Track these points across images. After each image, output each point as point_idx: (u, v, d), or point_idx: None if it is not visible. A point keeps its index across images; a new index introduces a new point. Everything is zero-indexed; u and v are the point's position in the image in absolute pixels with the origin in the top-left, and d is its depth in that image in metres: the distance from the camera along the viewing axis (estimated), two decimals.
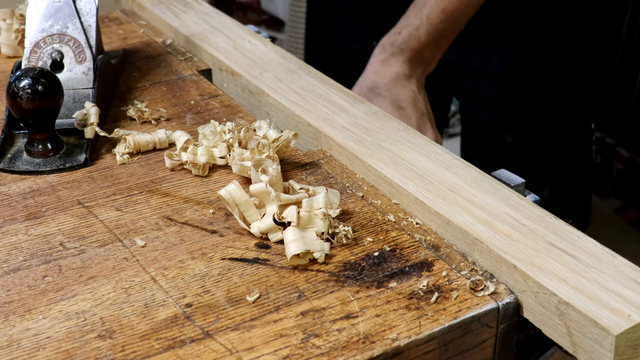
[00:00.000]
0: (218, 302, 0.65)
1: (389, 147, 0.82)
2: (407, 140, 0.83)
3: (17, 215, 0.76)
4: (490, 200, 0.73)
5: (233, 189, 0.73)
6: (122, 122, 0.93)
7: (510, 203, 0.73)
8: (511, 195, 0.74)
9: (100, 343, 0.61)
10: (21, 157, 0.85)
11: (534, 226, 0.70)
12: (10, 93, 0.81)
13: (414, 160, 0.80)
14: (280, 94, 0.94)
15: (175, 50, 1.12)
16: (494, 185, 0.76)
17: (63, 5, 0.94)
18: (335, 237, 0.72)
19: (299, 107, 0.90)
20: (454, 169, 0.78)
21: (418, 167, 0.79)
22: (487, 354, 0.66)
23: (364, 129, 0.85)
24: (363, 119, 0.87)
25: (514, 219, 0.71)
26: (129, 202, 0.78)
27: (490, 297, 0.65)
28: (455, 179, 0.76)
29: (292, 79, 0.96)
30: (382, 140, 0.83)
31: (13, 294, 0.66)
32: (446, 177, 0.77)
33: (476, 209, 0.72)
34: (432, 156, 0.80)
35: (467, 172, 0.77)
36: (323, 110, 0.89)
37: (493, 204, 0.73)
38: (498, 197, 0.74)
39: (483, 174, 0.78)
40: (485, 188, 0.75)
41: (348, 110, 0.89)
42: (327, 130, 0.86)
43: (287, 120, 0.91)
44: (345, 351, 0.60)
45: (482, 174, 0.78)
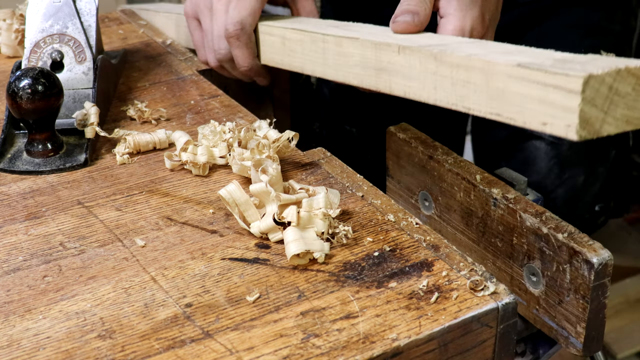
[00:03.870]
0: (218, 302, 0.65)
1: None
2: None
3: (17, 215, 0.76)
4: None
5: (233, 189, 0.73)
6: (122, 122, 0.93)
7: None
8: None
9: (100, 343, 0.61)
10: (21, 157, 0.85)
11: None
12: (10, 93, 0.81)
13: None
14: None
15: (175, 50, 1.12)
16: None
17: (63, 5, 0.94)
18: (335, 237, 0.72)
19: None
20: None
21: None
22: (487, 354, 0.66)
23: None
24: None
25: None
26: (129, 202, 0.78)
27: (490, 297, 0.65)
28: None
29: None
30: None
31: (13, 294, 0.66)
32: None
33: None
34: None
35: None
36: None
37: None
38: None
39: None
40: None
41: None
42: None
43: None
44: (345, 351, 0.60)
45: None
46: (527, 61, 0.63)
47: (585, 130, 0.59)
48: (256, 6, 0.94)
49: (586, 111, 0.58)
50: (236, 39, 0.94)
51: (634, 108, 0.61)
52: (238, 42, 0.95)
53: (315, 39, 0.88)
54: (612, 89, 0.59)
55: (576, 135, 0.59)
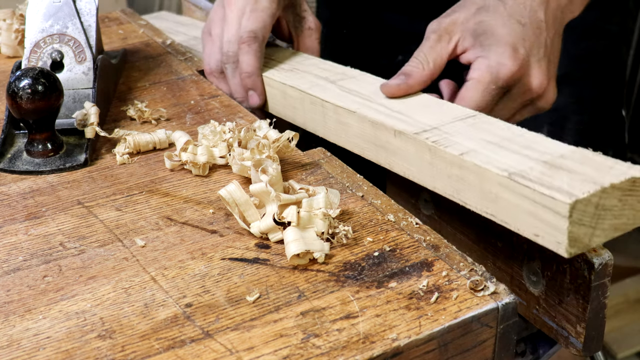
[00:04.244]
0: (218, 302, 0.65)
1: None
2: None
3: (17, 215, 0.76)
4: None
5: (233, 189, 0.73)
6: (122, 122, 0.93)
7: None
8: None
9: (100, 343, 0.61)
10: (21, 157, 0.85)
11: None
12: (10, 93, 0.81)
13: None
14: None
15: (175, 50, 1.12)
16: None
17: (63, 5, 0.94)
18: (335, 237, 0.72)
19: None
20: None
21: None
22: (487, 354, 0.66)
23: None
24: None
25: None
26: (129, 202, 0.78)
27: (490, 297, 0.65)
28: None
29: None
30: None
31: (13, 294, 0.66)
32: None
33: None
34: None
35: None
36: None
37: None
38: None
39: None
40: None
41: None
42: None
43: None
44: (345, 351, 0.60)
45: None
46: (517, 170, 0.65)
47: (575, 247, 0.61)
48: (268, 20, 0.96)
49: (574, 231, 0.60)
50: (248, 45, 0.95)
51: (620, 216, 0.63)
52: (249, 48, 0.95)
53: (315, 102, 0.88)
54: (599, 206, 0.61)
55: (566, 253, 0.61)
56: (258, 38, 0.96)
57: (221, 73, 1.00)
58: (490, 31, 0.84)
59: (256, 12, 0.96)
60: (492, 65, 0.83)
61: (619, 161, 0.65)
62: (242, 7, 0.97)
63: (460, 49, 0.86)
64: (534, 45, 0.85)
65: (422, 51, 0.86)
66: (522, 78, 0.84)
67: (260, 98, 0.98)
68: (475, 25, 0.85)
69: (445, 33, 0.86)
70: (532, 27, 0.86)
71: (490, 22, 0.85)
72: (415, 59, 0.86)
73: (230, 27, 0.97)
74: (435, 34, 0.86)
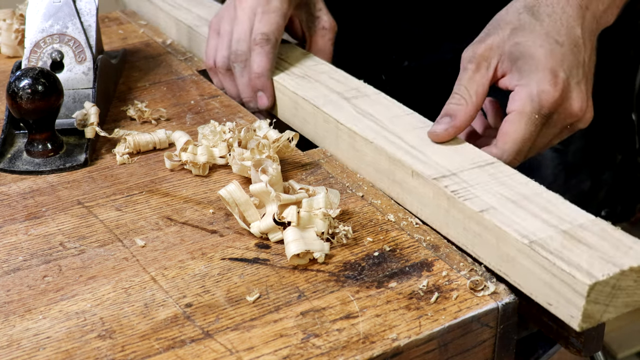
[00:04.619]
0: (218, 302, 0.65)
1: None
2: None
3: (17, 215, 0.76)
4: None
5: (233, 189, 0.73)
6: (122, 122, 0.93)
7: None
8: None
9: (100, 343, 0.61)
10: (21, 157, 0.85)
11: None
12: (10, 93, 0.81)
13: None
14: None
15: (175, 50, 1.12)
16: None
17: (63, 5, 0.94)
18: (335, 237, 0.71)
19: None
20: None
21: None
22: (487, 354, 0.66)
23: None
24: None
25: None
26: (129, 202, 0.78)
27: (490, 297, 0.65)
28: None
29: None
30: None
31: (13, 294, 0.66)
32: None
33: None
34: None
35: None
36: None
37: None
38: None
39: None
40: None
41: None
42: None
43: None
44: (345, 351, 0.60)
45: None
46: (537, 238, 0.65)
47: (587, 323, 0.62)
48: (280, 22, 0.96)
49: (589, 309, 0.61)
50: (261, 46, 0.95)
51: (634, 295, 0.63)
52: (261, 49, 0.95)
53: (329, 121, 0.86)
54: (615, 287, 0.62)
55: (578, 327, 0.62)
56: (271, 40, 0.95)
57: (227, 70, 1.00)
58: (528, 54, 0.80)
59: (268, 14, 0.96)
60: (533, 93, 0.79)
61: (638, 240, 0.65)
62: (253, 6, 0.96)
63: (499, 73, 0.83)
64: (573, 66, 0.82)
65: (461, 84, 0.82)
66: (564, 103, 0.81)
67: (269, 100, 0.97)
68: (512, 48, 0.81)
69: (483, 60, 0.82)
70: (570, 46, 0.82)
71: (528, 43, 0.81)
72: (456, 94, 0.81)
73: (241, 26, 0.97)
74: (472, 63, 0.82)
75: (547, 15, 0.83)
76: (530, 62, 0.80)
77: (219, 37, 1.00)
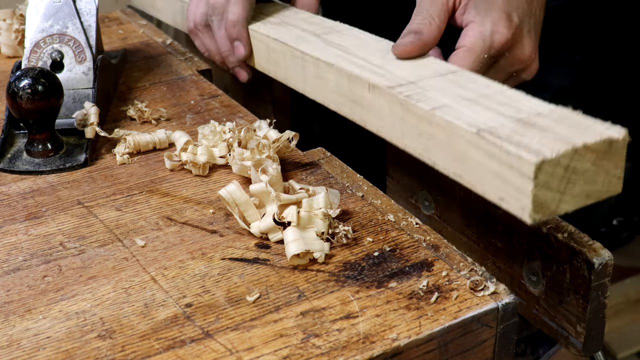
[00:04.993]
0: (218, 302, 0.65)
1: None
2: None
3: (17, 215, 0.76)
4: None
5: (233, 189, 0.73)
6: (122, 122, 0.93)
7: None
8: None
9: (100, 343, 0.61)
10: (21, 157, 0.85)
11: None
12: (10, 93, 0.81)
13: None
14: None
15: (175, 50, 1.12)
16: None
17: (63, 5, 0.94)
18: (335, 237, 0.72)
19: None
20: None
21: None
22: (487, 354, 0.66)
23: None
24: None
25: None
26: (129, 202, 0.78)
27: (490, 297, 0.65)
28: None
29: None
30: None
31: (13, 294, 0.66)
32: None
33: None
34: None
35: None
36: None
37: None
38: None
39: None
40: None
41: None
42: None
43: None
44: (345, 351, 0.60)
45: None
46: (487, 127, 0.60)
47: (540, 214, 0.56)
48: None
49: (540, 195, 0.55)
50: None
51: (594, 182, 0.57)
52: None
53: (295, 56, 0.86)
54: (569, 169, 0.56)
55: (529, 219, 0.56)
56: None
57: (206, 26, 0.98)
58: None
59: None
60: (485, 33, 0.79)
61: (599, 121, 0.59)
62: None
63: (457, 5, 0.82)
64: (526, 14, 0.81)
65: (423, 7, 0.81)
66: (514, 47, 0.80)
67: (245, 49, 0.96)
68: None
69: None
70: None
71: None
72: (418, 15, 0.81)
73: None
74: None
75: None
76: (488, 1, 0.80)
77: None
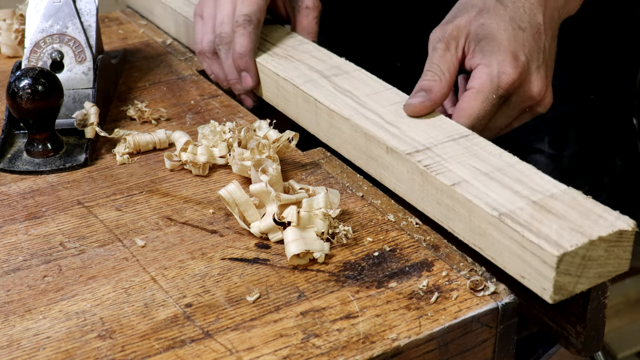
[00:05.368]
0: (218, 302, 0.65)
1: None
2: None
3: (17, 215, 0.76)
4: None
5: (233, 189, 0.73)
6: (122, 122, 0.93)
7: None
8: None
9: (100, 343, 0.61)
10: (21, 157, 0.85)
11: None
12: (10, 93, 0.81)
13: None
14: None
15: (175, 50, 1.12)
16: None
17: (63, 5, 0.94)
18: (335, 237, 0.72)
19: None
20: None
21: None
22: (487, 354, 0.66)
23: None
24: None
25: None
26: (129, 202, 0.78)
27: (490, 297, 0.65)
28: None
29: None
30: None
31: (13, 294, 0.66)
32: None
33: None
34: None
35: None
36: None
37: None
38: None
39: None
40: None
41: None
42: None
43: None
44: (345, 351, 0.60)
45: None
46: (507, 210, 0.65)
47: (559, 295, 0.62)
48: (262, 3, 0.96)
49: (560, 280, 0.61)
50: (243, 27, 0.95)
51: (606, 265, 0.63)
52: (244, 30, 0.95)
53: (308, 100, 0.87)
54: (585, 257, 0.61)
55: (550, 299, 0.62)
56: (252, 21, 0.95)
57: (214, 54, 1.00)
58: (491, 36, 0.83)
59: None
60: (493, 73, 0.81)
61: (608, 209, 0.65)
62: None
63: (465, 52, 0.85)
64: (534, 50, 0.84)
65: (433, 62, 0.84)
66: (523, 86, 0.83)
67: (253, 80, 0.97)
68: (477, 29, 0.84)
69: (452, 39, 0.84)
70: (532, 31, 0.85)
71: (492, 25, 0.84)
72: (429, 71, 0.84)
73: (223, 8, 0.97)
74: (441, 42, 0.84)
75: (511, 2, 0.86)
76: (493, 44, 0.82)
77: (203, 21, 1.00)
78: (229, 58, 0.98)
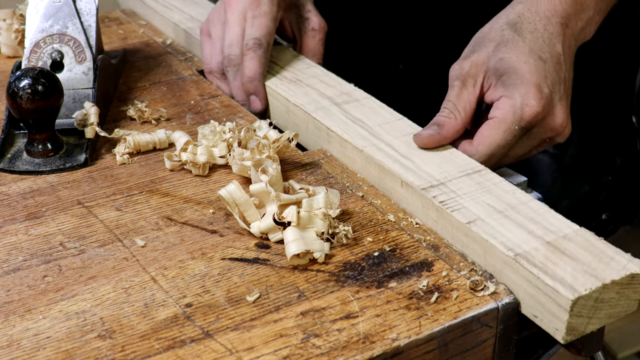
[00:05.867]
0: (218, 302, 0.65)
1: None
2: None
3: (17, 215, 0.76)
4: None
5: (233, 189, 0.73)
6: (122, 122, 0.93)
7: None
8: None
9: (100, 343, 0.61)
10: (21, 157, 0.85)
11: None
12: (10, 93, 0.81)
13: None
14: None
15: (175, 50, 1.12)
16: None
17: (63, 5, 0.94)
18: (335, 237, 0.72)
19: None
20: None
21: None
22: (487, 354, 0.66)
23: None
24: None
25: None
26: (129, 202, 0.78)
27: (490, 297, 0.65)
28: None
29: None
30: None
31: (13, 294, 0.66)
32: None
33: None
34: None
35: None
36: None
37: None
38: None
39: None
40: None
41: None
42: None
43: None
44: (345, 351, 0.60)
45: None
46: (522, 251, 0.65)
47: (571, 335, 0.63)
48: (271, 25, 0.97)
49: (573, 322, 0.62)
50: (253, 51, 0.96)
51: (616, 306, 0.65)
52: (254, 54, 0.96)
53: (320, 128, 0.87)
54: (598, 300, 0.63)
55: (562, 340, 0.63)
56: (262, 45, 0.96)
57: (222, 74, 1.01)
58: (512, 69, 0.82)
59: (259, 18, 0.96)
60: (516, 105, 0.81)
61: (619, 251, 0.66)
62: (243, 10, 0.97)
63: (485, 88, 0.84)
64: (556, 82, 0.84)
65: (450, 101, 0.84)
66: (546, 118, 0.82)
67: (262, 103, 0.98)
68: (497, 64, 0.83)
69: (469, 77, 0.84)
70: (553, 62, 0.84)
71: (512, 58, 0.83)
72: (445, 108, 0.84)
73: (232, 30, 0.97)
74: (458, 80, 0.84)
75: (529, 32, 0.85)
76: (514, 77, 0.82)
77: (212, 41, 1.01)
78: (237, 80, 0.98)
